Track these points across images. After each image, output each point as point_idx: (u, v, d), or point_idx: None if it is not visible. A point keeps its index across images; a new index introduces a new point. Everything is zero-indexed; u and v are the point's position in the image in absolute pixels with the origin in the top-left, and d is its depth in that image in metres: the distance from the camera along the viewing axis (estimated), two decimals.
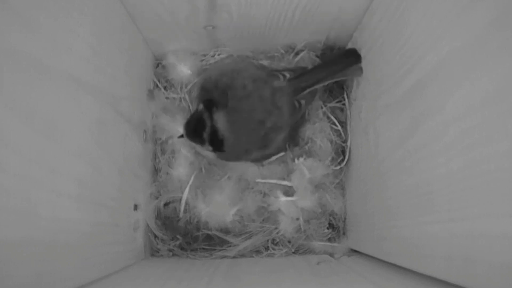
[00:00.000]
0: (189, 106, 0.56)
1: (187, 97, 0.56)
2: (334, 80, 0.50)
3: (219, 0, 0.44)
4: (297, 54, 0.55)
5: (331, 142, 0.54)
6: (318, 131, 0.54)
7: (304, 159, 0.52)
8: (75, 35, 0.33)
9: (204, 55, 0.57)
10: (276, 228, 0.53)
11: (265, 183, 0.53)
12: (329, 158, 0.53)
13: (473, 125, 0.25)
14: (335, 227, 0.54)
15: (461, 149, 0.27)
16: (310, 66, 0.53)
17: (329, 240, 0.53)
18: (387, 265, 0.39)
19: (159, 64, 0.58)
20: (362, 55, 0.48)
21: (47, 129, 0.29)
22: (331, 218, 0.54)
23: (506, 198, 0.23)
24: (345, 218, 0.54)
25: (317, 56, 0.55)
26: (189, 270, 0.46)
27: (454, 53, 0.27)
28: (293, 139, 0.53)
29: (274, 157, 0.53)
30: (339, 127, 0.54)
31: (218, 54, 0.57)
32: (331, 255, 0.51)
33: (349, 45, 0.53)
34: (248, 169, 0.53)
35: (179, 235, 0.53)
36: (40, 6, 0.28)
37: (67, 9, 0.32)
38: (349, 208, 0.53)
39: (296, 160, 0.52)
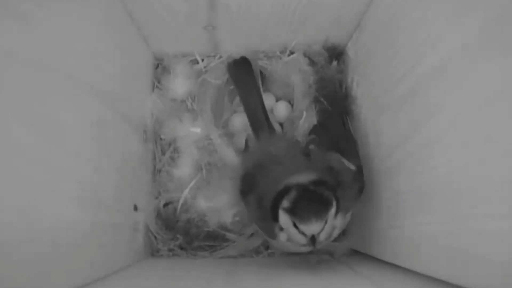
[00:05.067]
0: (191, 104, 0.56)
1: (188, 98, 0.56)
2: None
3: (219, 0, 0.44)
4: (291, 53, 0.55)
5: None
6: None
7: None
8: (75, 35, 0.33)
9: (206, 56, 0.57)
10: None
11: None
12: None
13: (473, 125, 0.25)
14: None
15: (461, 149, 0.27)
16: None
17: None
18: (387, 265, 0.39)
19: (159, 65, 0.58)
20: (362, 55, 0.48)
21: (47, 129, 0.29)
22: None
23: (506, 198, 0.23)
24: None
25: (307, 56, 0.55)
26: (189, 270, 0.46)
27: (454, 53, 0.27)
28: None
29: None
30: None
31: (219, 57, 0.57)
32: (331, 254, 0.51)
33: (349, 45, 0.53)
34: None
35: (179, 234, 0.53)
36: (40, 6, 0.28)
37: (67, 9, 0.32)
38: None
39: None
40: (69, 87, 0.32)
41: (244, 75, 0.51)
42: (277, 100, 0.58)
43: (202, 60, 0.57)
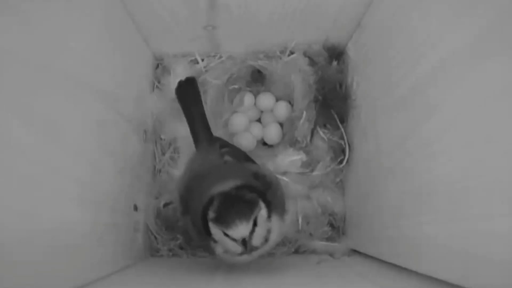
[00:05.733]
0: None
1: None
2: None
3: (219, 0, 0.44)
4: (291, 53, 0.55)
5: (330, 141, 0.54)
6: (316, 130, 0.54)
7: None
8: (75, 35, 0.33)
9: (206, 56, 0.57)
10: None
11: None
12: (328, 158, 0.53)
13: (473, 125, 0.25)
14: (335, 227, 0.54)
15: (461, 149, 0.27)
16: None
17: (329, 240, 0.53)
18: (387, 265, 0.39)
19: (159, 65, 0.58)
20: (362, 55, 0.48)
21: (47, 129, 0.29)
22: (331, 218, 0.54)
23: (506, 198, 0.23)
24: (345, 218, 0.54)
25: (307, 56, 0.55)
26: (189, 270, 0.46)
27: (454, 53, 0.27)
28: None
29: None
30: (340, 127, 0.54)
31: (219, 57, 0.57)
32: (331, 255, 0.51)
33: (349, 45, 0.53)
34: None
35: (179, 234, 0.53)
36: (40, 6, 0.28)
37: (67, 9, 0.32)
38: (349, 208, 0.53)
39: None
40: (69, 87, 0.32)
41: (189, 93, 0.51)
42: (277, 100, 0.58)
43: (202, 60, 0.57)
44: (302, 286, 0.37)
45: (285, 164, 0.52)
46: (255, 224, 0.35)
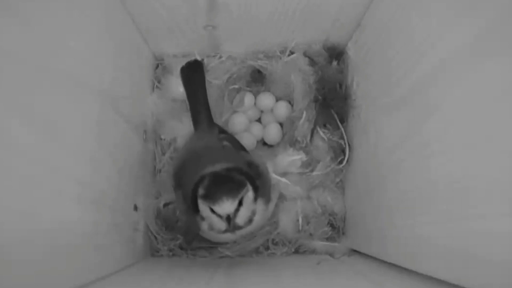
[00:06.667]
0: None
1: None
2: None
3: (219, 0, 0.44)
4: (291, 53, 0.55)
5: (330, 141, 0.54)
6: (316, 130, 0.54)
7: None
8: (75, 35, 0.33)
9: (206, 56, 0.57)
10: (276, 228, 0.53)
11: None
12: (328, 158, 0.53)
13: (473, 125, 0.25)
14: (335, 227, 0.54)
15: (461, 149, 0.27)
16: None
17: (329, 240, 0.53)
18: (387, 265, 0.39)
19: (159, 65, 0.58)
20: (362, 55, 0.48)
21: (47, 129, 0.29)
22: (331, 218, 0.54)
23: (506, 198, 0.23)
24: (345, 218, 0.54)
25: (307, 56, 0.55)
26: (189, 270, 0.46)
27: (454, 53, 0.27)
28: None
29: None
30: (340, 126, 0.54)
31: (219, 57, 0.57)
32: (331, 255, 0.51)
33: (349, 45, 0.53)
34: None
35: (179, 234, 0.53)
36: (40, 6, 0.28)
37: (67, 9, 0.32)
38: (349, 208, 0.53)
39: None
40: (69, 87, 0.32)
41: (194, 76, 0.52)
42: (277, 100, 0.58)
43: (202, 60, 0.57)
44: (302, 286, 0.37)
45: (285, 164, 0.52)
46: (240, 203, 0.38)
